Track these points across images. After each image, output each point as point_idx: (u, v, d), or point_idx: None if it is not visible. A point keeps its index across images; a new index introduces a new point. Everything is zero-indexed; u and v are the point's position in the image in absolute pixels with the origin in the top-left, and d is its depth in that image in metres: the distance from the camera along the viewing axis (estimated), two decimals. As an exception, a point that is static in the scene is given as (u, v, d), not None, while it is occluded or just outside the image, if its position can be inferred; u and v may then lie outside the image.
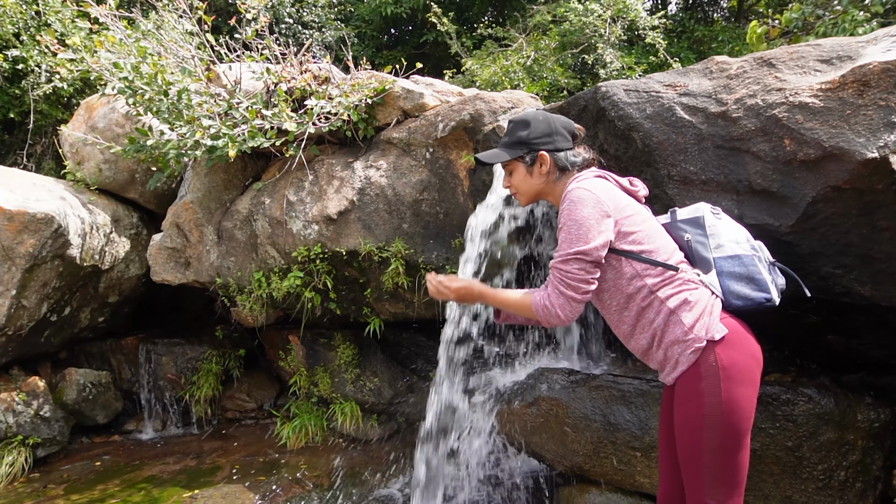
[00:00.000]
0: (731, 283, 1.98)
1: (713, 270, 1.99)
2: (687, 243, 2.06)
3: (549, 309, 1.94)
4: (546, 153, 2.09)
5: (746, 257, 2.00)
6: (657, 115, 2.57)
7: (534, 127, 2.11)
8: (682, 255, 2.02)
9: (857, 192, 2.15)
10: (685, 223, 2.11)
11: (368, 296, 4.12)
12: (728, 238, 2.03)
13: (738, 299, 1.97)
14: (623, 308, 1.98)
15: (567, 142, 2.13)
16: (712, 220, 2.07)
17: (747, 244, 2.04)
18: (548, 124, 2.11)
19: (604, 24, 7.42)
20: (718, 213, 2.12)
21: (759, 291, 1.97)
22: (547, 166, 2.10)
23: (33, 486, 3.94)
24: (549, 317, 1.94)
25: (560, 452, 2.93)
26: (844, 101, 2.16)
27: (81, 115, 4.94)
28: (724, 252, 2.01)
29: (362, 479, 3.87)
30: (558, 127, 2.12)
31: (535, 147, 2.10)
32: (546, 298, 1.95)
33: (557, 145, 2.11)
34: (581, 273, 1.90)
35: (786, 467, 2.53)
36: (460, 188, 3.74)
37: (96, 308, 4.82)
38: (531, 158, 2.11)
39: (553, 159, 2.10)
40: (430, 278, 2.16)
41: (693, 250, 2.04)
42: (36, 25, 5.93)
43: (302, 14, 9.01)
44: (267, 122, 3.85)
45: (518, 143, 2.12)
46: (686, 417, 1.88)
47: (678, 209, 2.17)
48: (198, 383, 4.89)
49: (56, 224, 4.06)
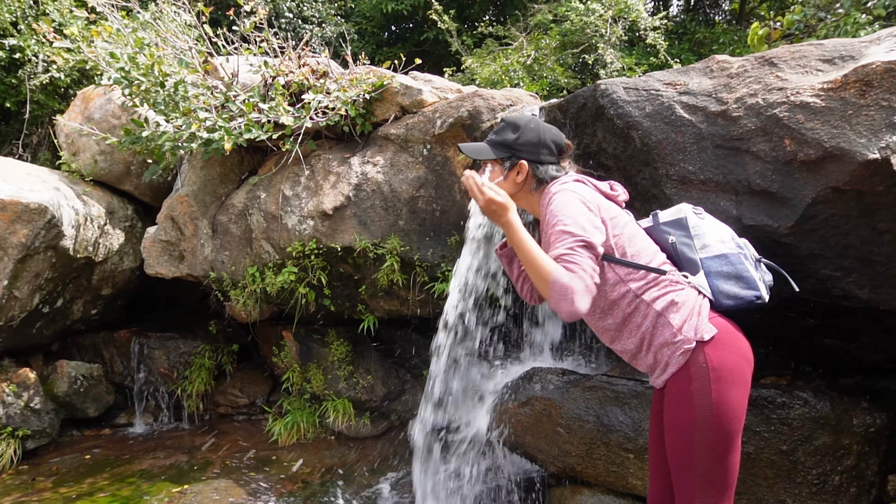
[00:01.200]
0: (720, 283, 1.95)
1: (701, 271, 1.97)
2: (672, 246, 2.03)
3: (568, 290, 1.69)
4: (526, 163, 2.04)
5: (733, 255, 1.98)
6: (656, 113, 2.54)
7: (523, 133, 2.04)
8: (664, 257, 2.00)
9: (858, 193, 2.13)
10: (668, 225, 2.08)
11: (363, 292, 4.09)
12: (713, 238, 2.01)
13: (729, 299, 1.95)
14: (607, 314, 1.95)
15: (552, 156, 2.06)
16: (695, 221, 2.05)
17: (732, 242, 2.02)
18: (537, 134, 2.05)
19: (605, 25, 7.40)
20: (700, 212, 2.10)
21: (748, 289, 1.95)
22: (524, 176, 2.04)
23: (22, 479, 3.90)
24: (562, 299, 1.70)
25: (553, 453, 2.90)
26: (846, 101, 2.13)
27: (78, 105, 4.90)
28: (710, 252, 1.99)
29: (353, 476, 3.85)
30: (547, 139, 2.06)
31: (518, 154, 2.04)
32: (571, 279, 1.70)
33: (541, 158, 2.04)
34: (591, 261, 1.77)
35: (780, 471, 2.50)
36: (457, 185, 3.71)
37: (89, 300, 4.78)
38: (511, 164, 2.05)
39: (532, 170, 2.04)
40: (469, 173, 1.90)
41: (679, 252, 2.02)
42: (34, 14, 5.89)
43: (302, 9, 8.98)
44: (264, 115, 3.81)
45: (503, 144, 2.06)
46: (677, 420, 1.85)
47: (660, 212, 2.15)
48: (190, 378, 4.86)
49: (50, 215, 4.02)
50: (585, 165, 2.93)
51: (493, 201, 1.84)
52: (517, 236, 1.81)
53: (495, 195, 1.84)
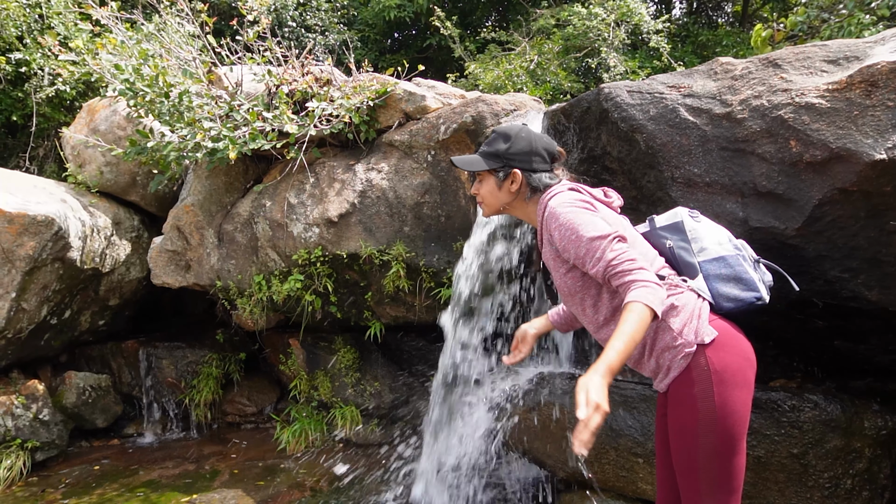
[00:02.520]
0: (719, 286, 1.95)
1: (700, 275, 1.97)
2: (670, 250, 2.03)
3: (649, 290, 1.69)
4: (519, 172, 2.04)
5: (731, 258, 1.97)
6: (661, 116, 2.54)
7: (514, 142, 2.04)
8: (663, 262, 2.00)
9: (865, 194, 2.12)
10: (665, 230, 2.08)
11: (369, 299, 4.09)
12: (710, 240, 2.00)
13: (729, 301, 1.94)
14: (609, 322, 1.94)
15: (545, 163, 2.06)
16: (692, 224, 2.04)
17: (730, 244, 2.02)
18: (528, 142, 2.05)
19: (607, 28, 7.41)
20: (696, 216, 2.09)
21: (748, 291, 1.95)
22: (518, 185, 2.04)
23: (31, 491, 3.91)
24: (657, 298, 1.69)
25: (561, 458, 2.89)
26: (852, 102, 2.12)
27: (83, 117, 4.93)
28: (708, 255, 1.98)
29: (362, 484, 3.83)
30: (538, 147, 2.05)
31: (511, 164, 2.04)
32: (637, 289, 1.69)
33: (534, 166, 2.04)
34: (627, 248, 1.77)
35: (791, 475, 2.48)
36: (462, 191, 3.71)
37: (97, 311, 4.80)
38: (504, 174, 2.05)
39: (526, 179, 2.04)
40: (580, 437, 1.56)
41: (677, 256, 2.01)
42: (39, 28, 5.93)
43: (305, 18, 9.02)
44: (268, 124, 3.83)
45: (495, 155, 2.06)
46: (680, 423, 1.84)
47: (656, 217, 2.14)
48: (198, 387, 4.86)
49: (56, 226, 4.04)
50: (590, 169, 2.93)
51: (599, 393, 1.59)
52: (622, 355, 1.65)
53: (596, 394, 1.59)
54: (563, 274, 1.98)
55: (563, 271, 1.98)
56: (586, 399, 1.57)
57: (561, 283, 2.02)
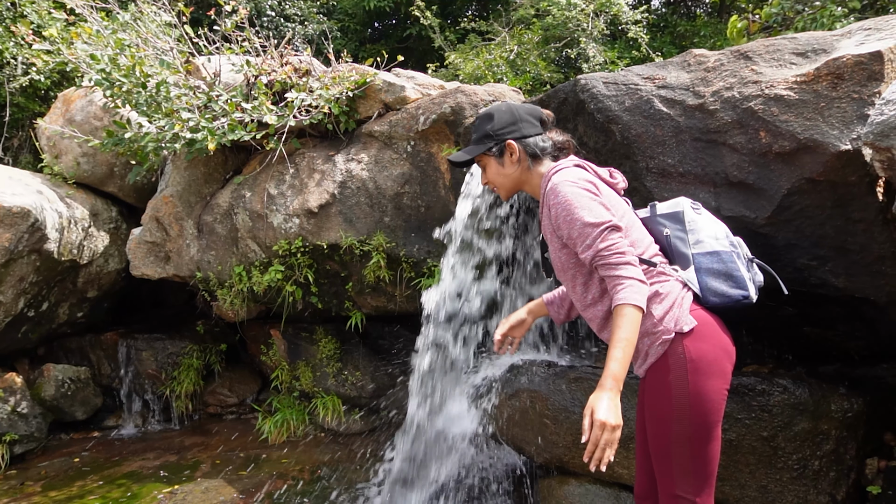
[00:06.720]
0: (709, 280, 1.97)
1: (691, 266, 1.99)
2: (666, 238, 2.05)
3: (635, 288, 1.77)
4: (513, 141, 2.07)
5: (725, 254, 1.99)
6: (636, 107, 2.58)
7: (497, 118, 2.09)
8: (657, 249, 2.02)
9: (831, 184, 2.17)
10: (665, 218, 2.10)
11: (350, 289, 4.11)
12: (707, 234, 2.02)
13: (716, 296, 1.96)
14: (598, 302, 1.97)
15: (535, 127, 2.10)
16: (692, 216, 2.06)
17: (726, 240, 2.03)
18: (511, 113, 2.10)
19: (586, 19, 7.43)
20: (698, 207, 2.11)
21: (736, 289, 1.97)
22: (516, 154, 2.08)
23: (10, 484, 3.89)
24: (643, 297, 1.77)
25: (540, 444, 2.94)
26: (819, 94, 2.18)
27: (59, 107, 4.87)
28: (703, 248, 2.00)
29: (344, 473, 3.87)
30: (522, 114, 2.10)
31: (502, 137, 2.08)
32: (634, 293, 1.76)
33: (524, 132, 2.08)
34: (625, 240, 1.84)
35: (761, 457, 2.55)
36: (441, 181, 3.73)
37: (75, 303, 4.76)
38: (499, 150, 2.09)
39: (521, 146, 2.08)
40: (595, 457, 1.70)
41: (672, 245, 2.03)
42: (11, 16, 5.82)
43: (284, 7, 8.94)
44: (247, 114, 3.81)
45: (484, 136, 2.10)
46: (655, 410, 1.88)
47: (658, 203, 2.16)
48: (178, 378, 4.85)
49: (33, 218, 4.00)
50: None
51: (608, 412, 1.72)
52: (624, 362, 1.76)
53: (605, 414, 1.71)
54: (558, 249, 2.01)
55: (558, 246, 2.01)
56: (591, 422, 1.71)
57: (555, 258, 2.05)
